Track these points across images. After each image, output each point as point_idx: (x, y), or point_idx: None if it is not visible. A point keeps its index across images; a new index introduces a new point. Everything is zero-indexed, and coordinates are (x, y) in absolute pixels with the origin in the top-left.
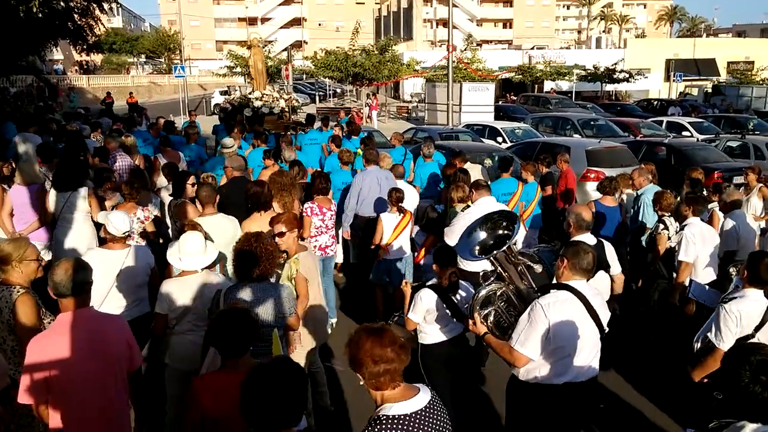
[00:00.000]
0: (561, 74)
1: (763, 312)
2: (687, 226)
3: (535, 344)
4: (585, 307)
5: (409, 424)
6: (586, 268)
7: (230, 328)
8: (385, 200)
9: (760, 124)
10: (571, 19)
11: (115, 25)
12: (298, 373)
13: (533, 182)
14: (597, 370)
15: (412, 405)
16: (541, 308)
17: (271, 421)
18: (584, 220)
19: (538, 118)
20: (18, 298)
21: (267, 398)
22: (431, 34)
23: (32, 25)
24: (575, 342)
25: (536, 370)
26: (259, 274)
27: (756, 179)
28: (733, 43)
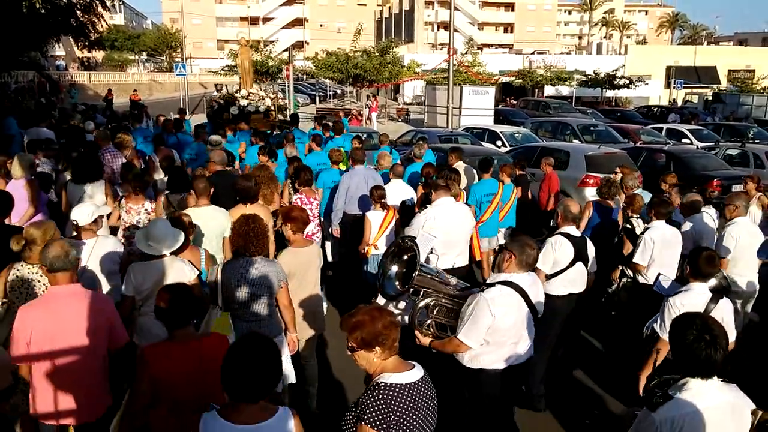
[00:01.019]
0: (561, 79)
1: (705, 303)
2: (648, 230)
3: (478, 335)
4: (524, 299)
5: (406, 393)
6: (530, 264)
7: (173, 303)
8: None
9: (760, 133)
10: (572, 25)
11: (117, 22)
12: (269, 347)
13: (509, 184)
14: (532, 353)
15: (408, 377)
16: (486, 302)
17: (248, 391)
18: (571, 212)
19: (538, 122)
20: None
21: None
22: (432, 37)
23: (35, 20)
24: (516, 331)
25: (481, 357)
26: (254, 251)
27: (755, 188)
28: (734, 52)
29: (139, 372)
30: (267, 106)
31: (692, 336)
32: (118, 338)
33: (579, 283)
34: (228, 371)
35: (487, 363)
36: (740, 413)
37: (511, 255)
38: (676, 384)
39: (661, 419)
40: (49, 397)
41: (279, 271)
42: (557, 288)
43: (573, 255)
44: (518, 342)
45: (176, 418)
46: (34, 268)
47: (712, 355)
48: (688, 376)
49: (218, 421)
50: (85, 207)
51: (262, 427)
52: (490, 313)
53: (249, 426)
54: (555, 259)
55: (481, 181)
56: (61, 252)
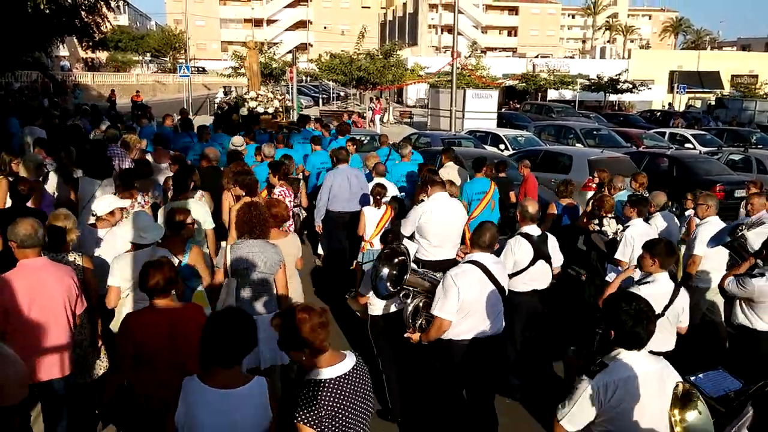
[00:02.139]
0: (565, 83)
1: (670, 293)
2: (628, 228)
3: (451, 307)
4: (486, 275)
5: (336, 387)
6: (484, 244)
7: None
8: (355, 196)
9: (763, 138)
10: (576, 29)
11: (121, 23)
12: (245, 319)
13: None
14: (501, 327)
15: (338, 369)
16: (451, 277)
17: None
18: (528, 212)
19: (541, 126)
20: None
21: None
22: (436, 40)
23: (39, 20)
24: (480, 305)
25: (454, 330)
26: (258, 234)
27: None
28: (737, 57)
29: (123, 336)
30: (275, 108)
31: (623, 313)
32: (81, 304)
33: (541, 280)
34: (206, 338)
35: (454, 334)
36: (665, 382)
37: (471, 240)
38: (609, 354)
39: (598, 384)
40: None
41: (279, 252)
42: (519, 285)
43: (533, 254)
44: (484, 315)
45: (154, 376)
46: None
47: (640, 331)
48: (619, 347)
49: (198, 384)
50: (105, 199)
51: (237, 392)
52: (455, 285)
53: (225, 390)
54: (515, 260)
55: (474, 179)
56: (32, 230)
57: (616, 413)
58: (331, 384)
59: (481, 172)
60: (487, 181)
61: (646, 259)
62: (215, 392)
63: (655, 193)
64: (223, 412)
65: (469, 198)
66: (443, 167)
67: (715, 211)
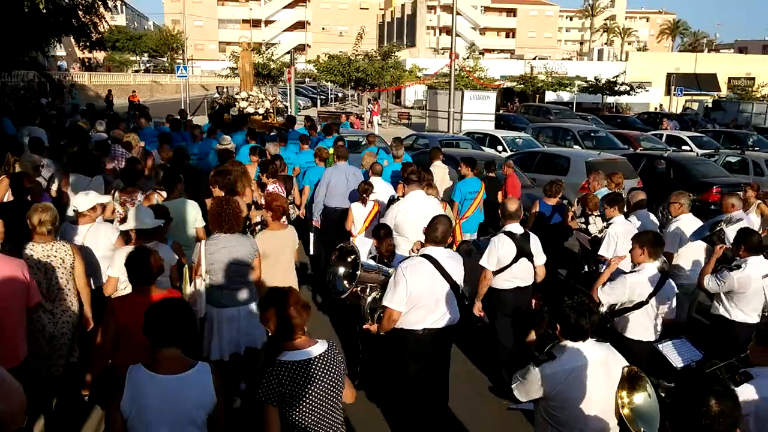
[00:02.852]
0: (562, 85)
1: (656, 282)
2: (611, 225)
3: (400, 298)
4: (437, 268)
5: (300, 370)
6: (436, 238)
7: (138, 263)
8: (352, 193)
9: (760, 141)
10: (574, 31)
11: (119, 23)
12: (184, 309)
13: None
14: (455, 320)
15: (304, 354)
16: (401, 270)
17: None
18: (508, 210)
19: (539, 128)
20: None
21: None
22: (434, 42)
23: (37, 20)
24: (428, 295)
25: (406, 320)
26: (227, 228)
27: (755, 196)
28: (734, 59)
29: (107, 318)
30: (266, 109)
31: (567, 309)
32: (32, 297)
33: (524, 278)
34: (146, 321)
35: (406, 323)
36: (611, 368)
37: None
38: (557, 345)
39: (545, 374)
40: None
41: (253, 244)
42: (503, 282)
43: (516, 252)
44: (434, 307)
45: (131, 356)
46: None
47: (583, 323)
48: (566, 339)
49: (144, 371)
50: (85, 195)
51: (181, 377)
52: (404, 277)
53: (168, 376)
54: (499, 257)
55: (465, 179)
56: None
57: (564, 399)
58: (297, 366)
59: (473, 172)
60: (478, 181)
61: (635, 250)
62: (161, 378)
63: (634, 192)
64: (169, 396)
65: (462, 197)
66: (432, 165)
67: (687, 209)
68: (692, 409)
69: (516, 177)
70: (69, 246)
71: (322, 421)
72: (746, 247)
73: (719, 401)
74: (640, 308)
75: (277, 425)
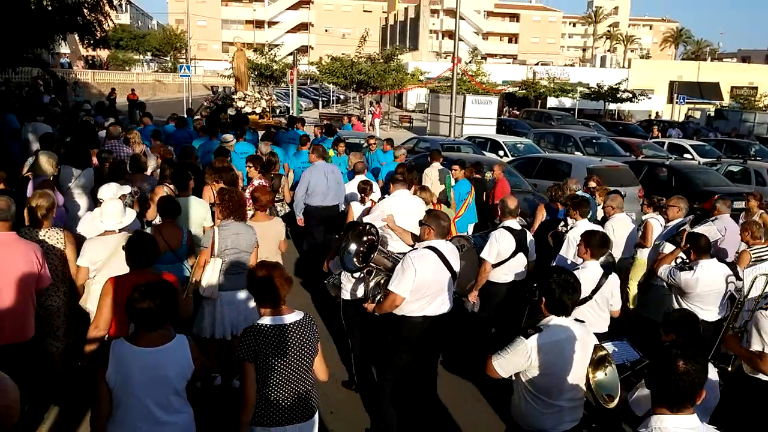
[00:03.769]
0: (564, 91)
1: (598, 278)
2: (572, 229)
3: (406, 285)
4: (441, 260)
5: (274, 332)
6: (442, 232)
7: (139, 246)
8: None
9: (762, 150)
10: (577, 37)
11: (123, 22)
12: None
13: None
14: (448, 308)
15: (279, 320)
16: (410, 259)
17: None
18: (508, 207)
19: (540, 133)
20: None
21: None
22: (437, 46)
23: (42, 18)
24: (435, 286)
25: (405, 307)
26: (237, 216)
27: (758, 205)
28: (737, 68)
29: (104, 297)
30: (262, 108)
31: (553, 284)
32: (44, 279)
33: (519, 272)
34: (128, 305)
35: (408, 311)
36: (587, 344)
37: (429, 228)
38: (543, 321)
39: (532, 345)
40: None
41: (255, 234)
42: (501, 276)
43: (515, 246)
44: (435, 296)
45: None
46: (41, 231)
47: (565, 299)
48: (550, 314)
49: (127, 345)
50: (109, 186)
51: (161, 349)
52: (413, 266)
53: (148, 348)
54: (499, 251)
55: (460, 181)
56: (5, 206)
57: (547, 368)
58: (272, 329)
59: (463, 174)
60: (468, 183)
61: (581, 248)
62: (142, 351)
63: (613, 195)
64: (151, 367)
65: (461, 197)
66: (430, 167)
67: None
68: (662, 367)
69: (506, 181)
70: (62, 233)
71: (292, 382)
72: (695, 250)
73: (686, 362)
74: (584, 304)
75: (254, 379)
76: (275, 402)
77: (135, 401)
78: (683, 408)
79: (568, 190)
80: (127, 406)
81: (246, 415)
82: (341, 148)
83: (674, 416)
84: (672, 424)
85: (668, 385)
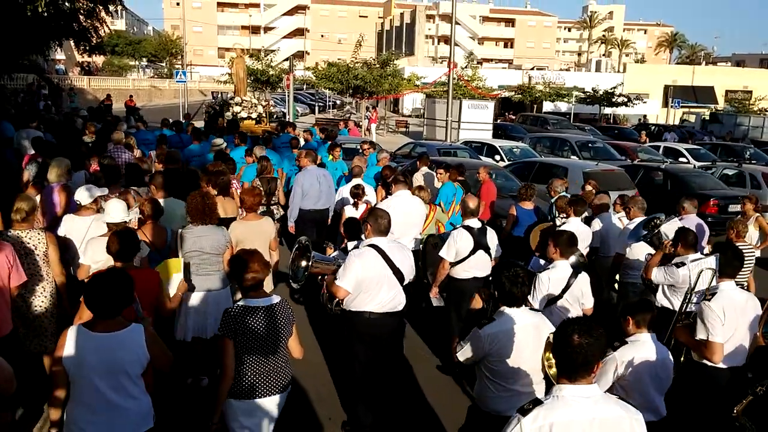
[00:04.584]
0: (560, 95)
1: (567, 278)
2: (564, 225)
3: (349, 280)
4: (383, 257)
5: (251, 313)
6: (381, 229)
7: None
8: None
9: (757, 154)
10: (572, 42)
11: (119, 28)
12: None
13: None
14: (399, 306)
15: (257, 302)
16: (353, 256)
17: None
18: (468, 207)
19: (537, 138)
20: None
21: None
22: (433, 51)
23: (38, 24)
24: (379, 281)
25: (356, 302)
26: (203, 220)
27: (753, 209)
28: (731, 72)
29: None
30: (259, 113)
31: (503, 278)
32: (18, 278)
33: (481, 268)
34: (85, 293)
35: (359, 306)
36: (542, 331)
37: (368, 225)
38: (498, 311)
39: (486, 333)
40: None
41: (226, 235)
42: (461, 273)
43: (473, 244)
44: (380, 291)
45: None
46: (23, 232)
47: (515, 291)
48: (503, 305)
49: (83, 331)
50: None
51: (116, 335)
52: (355, 262)
53: (102, 334)
54: (457, 250)
55: (446, 184)
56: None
57: (500, 355)
58: (249, 310)
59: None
60: (452, 185)
61: (550, 247)
62: (96, 335)
63: (600, 195)
64: (103, 351)
65: (450, 200)
66: (418, 171)
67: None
68: (559, 341)
69: (492, 183)
70: (44, 234)
71: (267, 358)
72: (683, 244)
73: (580, 336)
74: (555, 303)
75: (232, 355)
76: (251, 376)
77: (88, 383)
78: (580, 378)
79: (552, 190)
80: (81, 387)
81: (224, 386)
82: (336, 153)
83: (573, 385)
84: (570, 393)
85: (565, 357)
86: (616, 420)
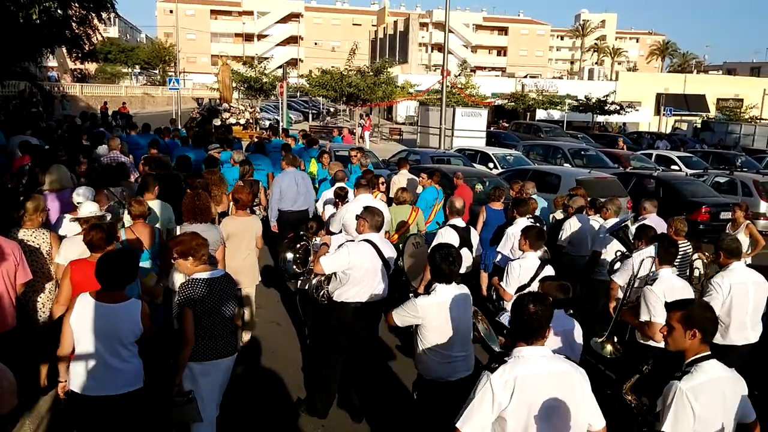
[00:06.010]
0: (553, 103)
1: (536, 267)
2: (511, 226)
3: (332, 263)
4: (376, 251)
5: (204, 284)
6: (375, 226)
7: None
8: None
9: (748, 161)
10: (565, 50)
11: (111, 35)
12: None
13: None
14: (385, 294)
15: (206, 275)
16: (346, 248)
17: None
18: (454, 207)
19: (530, 145)
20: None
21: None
22: (426, 58)
23: (31, 31)
24: (371, 274)
25: (344, 292)
26: (200, 219)
27: (744, 216)
28: (723, 81)
29: (64, 278)
30: (246, 119)
31: (437, 256)
32: (24, 275)
33: (465, 264)
34: (97, 267)
35: (347, 297)
36: (467, 304)
37: (364, 221)
38: (432, 286)
39: (420, 304)
40: None
41: (220, 233)
42: None
43: (459, 242)
44: (371, 283)
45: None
46: (29, 231)
47: (445, 268)
48: (436, 282)
49: (90, 299)
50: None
51: (117, 306)
52: (348, 254)
53: (105, 303)
54: None
55: (428, 188)
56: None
57: (434, 325)
58: (203, 282)
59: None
60: (435, 190)
61: (521, 240)
62: (100, 305)
63: (574, 198)
64: (104, 318)
65: (431, 203)
66: (398, 174)
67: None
68: (518, 310)
69: (466, 187)
70: (48, 234)
71: (219, 325)
72: (646, 240)
73: (534, 305)
74: (524, 291)
75: (192, 322)
76: (207, 341)
77: (88, 344)
78: (535, 340)
79: (524, 192)
80: (83, 346)
81: (186, 351)
82: (326, 160)
83: (530, 347)
84: (528, 353)
85: (522, 324)
86: (566, 373)
